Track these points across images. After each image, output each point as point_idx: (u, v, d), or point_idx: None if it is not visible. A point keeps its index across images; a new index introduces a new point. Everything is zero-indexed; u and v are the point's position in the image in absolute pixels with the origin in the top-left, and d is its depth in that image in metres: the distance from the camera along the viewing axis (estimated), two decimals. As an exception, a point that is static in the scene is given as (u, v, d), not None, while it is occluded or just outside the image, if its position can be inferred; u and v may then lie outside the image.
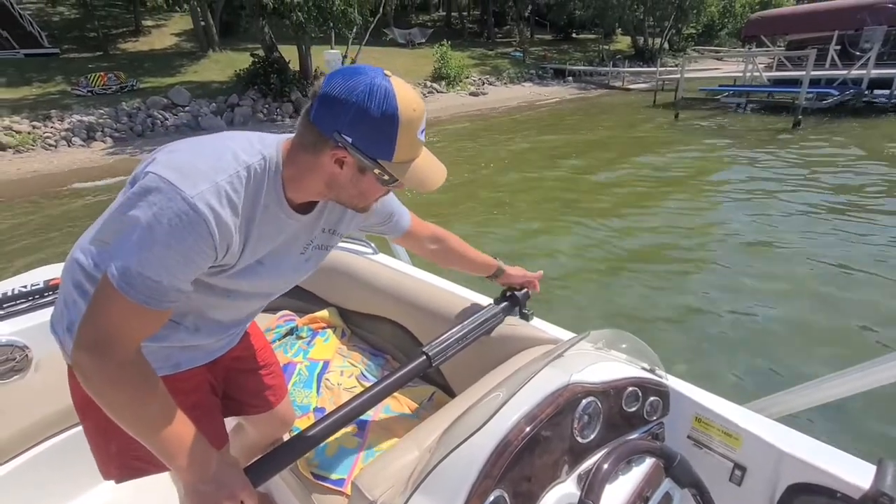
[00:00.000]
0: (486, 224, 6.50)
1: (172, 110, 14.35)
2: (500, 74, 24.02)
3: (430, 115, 17.11)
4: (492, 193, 8.04)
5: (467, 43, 29.34)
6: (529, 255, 5.35)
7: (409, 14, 33.14)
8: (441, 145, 12.70)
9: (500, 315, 1.36)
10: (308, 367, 1.63)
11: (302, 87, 16.61)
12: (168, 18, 25.21)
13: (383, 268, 1.81)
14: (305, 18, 13.29)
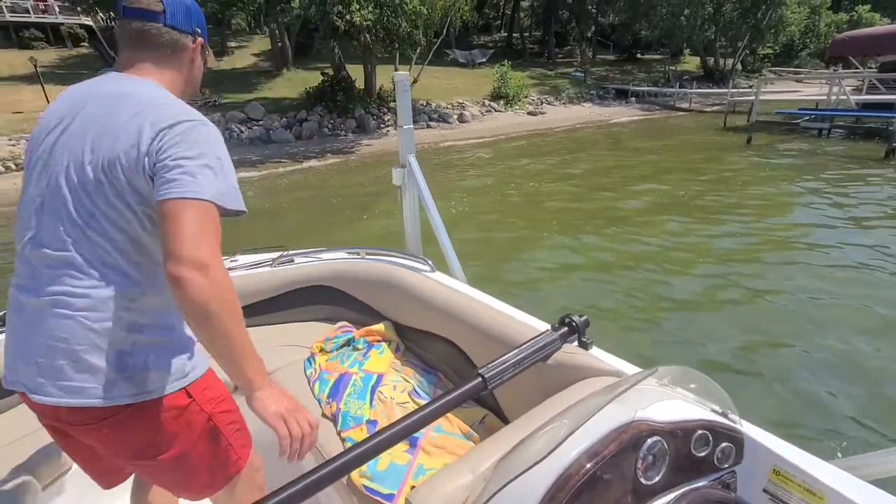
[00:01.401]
0: (533, 242, 6.43)
1: (248, 124, 15.47)
2: (559, 94, 23.88)
3: (487, 133, 17.31)
4: (540, 214, 7.93)
5: (527, 63, 29.49)
6: (578, 279, 5.20)
7: (471, 35, 33.88)
8: (495, 162, 12.76)
9: (558, 342, 1.34)
10: (363, 378, 1.67)
11: (365, 105, 17.35)
12: (250, 40, 27.41)
13: (440, 286, 1.84)
14: (373, 40, 13.96)
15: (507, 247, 6.44)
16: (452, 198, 8.81)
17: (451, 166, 12.20)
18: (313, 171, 12.88)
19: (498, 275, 5.32)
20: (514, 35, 35.74)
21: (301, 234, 7.61)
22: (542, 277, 5.28)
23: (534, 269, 5.49)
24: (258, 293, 2.12)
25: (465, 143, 16.09)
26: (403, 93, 2.14)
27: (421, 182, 2.12)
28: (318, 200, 9.93)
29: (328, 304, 2.14)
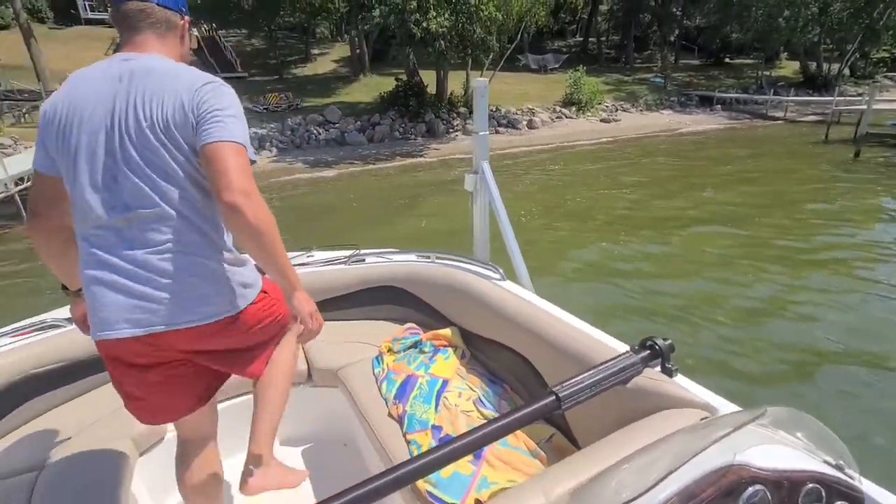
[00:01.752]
0: (599, 252, 6.16)
1: (325, 126, 16.33)
2: (636, 101, 22.84)
3: (556, 140, 16.93)
4: (608, 223, 7.60)
5: (603, 68, 28.51)
6: (654, 297, 4.91)
7: (545, 40, 33.37)
8: (563, 169, 12.43)
9: (640, 365, 1.25)
10: (429, 382, 1.68)
11: (436, 109, 17.65)
12: (331, 47, 28.94)
13: (510, 295, 1.80)
14: (447, 46, 14.19)
15: (571, 256, 6.24)
16: (514, 204, 8.70)
17: (517, 172, 12.07)
18: (382, 172, 13.31)
19: (560, 283, 5.16)
20: (591, 40, 34.70)
21: (365, 226, 7.91)
22: (613, 293, 5.05)
23: (601, 282, 5.27)
24: (332, 289, 2.20)
25: (532, 149, 15.86)
26: (481, 99, 2.13)
27: (493, 189, 2.10)
28: (383, 199, 10.25)
29: (397, 304, 2.18)
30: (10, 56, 19.88)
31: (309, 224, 8.38)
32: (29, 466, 1.39)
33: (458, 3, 13.49)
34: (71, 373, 1.69)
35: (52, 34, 24.68)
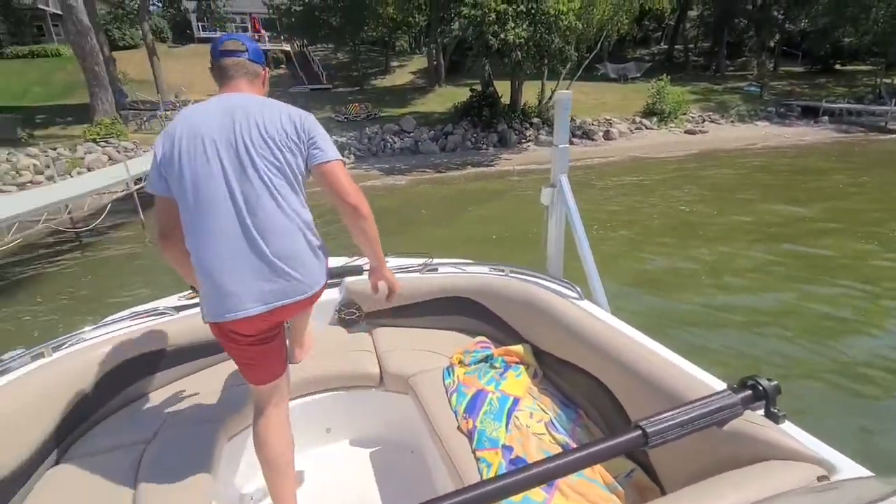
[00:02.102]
0: (678, 275, 5.73)
1: (400, 135, 16.90)
2: (726, 111, 21.20)
3: (634, 152, 16.16)
4: (692, 245, 7.05)
5: (690, 77, 26.86)
6: (742, 326, 4.48)
7: (626, 49, 32.11)
8: (639, 183, 11.80)
9: (739, 407, 1.13)
10: (499, 399, 1.65)
11: (509, 120, 17.60)
12: (409, 60, 30.00)
13: (588, 316, 1.72)
14: (524, 57, 14.11)
15: (646, 276, 5.88)
16: (585, 218, 8.40)
17: (589, 185, 11.66)
18: (453, 180, 13.48)
19: (636, 305, 4.88)
20: (677, 47, 32.85)
21: (431, 231, 8.06)
22: (694, 319, 4.68)
23: (680, 307, 4.91)
24: (405, 297, 2.24)
25: (607, 160, 15.27)
26: (563, 111, 2.08)
27: (571, 204, 2.04)
28: (451, 206, 10.37)
29: (469, 316, 2.18)
30: (136, 71, 22.81)
31: (380, 226, 8.68)
32: (138, 439, 1.55)
33: (538, 14, 13.38)
34: (177, 356, 1.87)
35: (171, 52, 27.94)
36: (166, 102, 18.66)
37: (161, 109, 17.73)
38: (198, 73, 25.32)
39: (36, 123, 17.24)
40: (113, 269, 7.46)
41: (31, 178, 12.71)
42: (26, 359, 1.58)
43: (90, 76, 15.78)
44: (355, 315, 2.25)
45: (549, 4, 13.14)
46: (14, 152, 13.66)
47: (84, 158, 13.70)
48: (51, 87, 23.00)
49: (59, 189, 8.41)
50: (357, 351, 2.05)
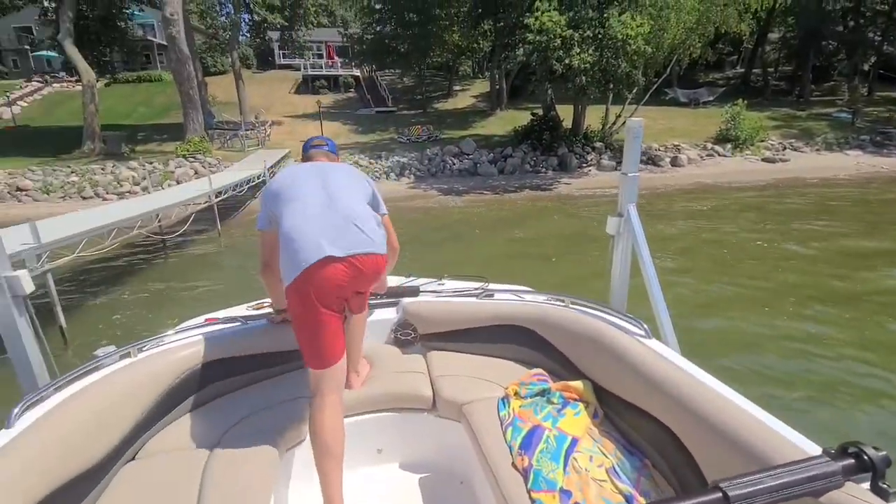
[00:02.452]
0: (756, 322, 5.26)
1: (459, 157, 17.18)
2: (810, 139, 19.61)
3: (705, 179, 15.31)
4: (771, 286, 6.48)
5: (769, 102, 25.25)
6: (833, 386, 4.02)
7: (697, 72, 30.83)
8: (709, 213, 11.11)
9: (839, 477, 1.00)
10: (557, 437, 1.57)
11: (570, 143, 17.36)
12: (472, 84, 30.64)
13: (657, 356, 1.61)
14: (588, 81, 13.94)
15: (715, 318, 5.46)
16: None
17: (652, 213, 11.15)
18: (509, 202, 13.43)
19: (706, 350, 4.53)
20: (755, 71, 31.06)
21: (484, 251, 8.04)
22: (773, 369, 4.27)
23: (758, 356, 4.50)
24: (460, 321, 2.23)
25: (674, 188, 14.58)
26: (634, 139, 2.02)
27: (640, 235, 1.94)
28: (506, 228, 10.30)
29: (526, 346, 2.12)
30: (224, 94, 25.05)
31: (435, 245, 8.80)
32: (204, 443, 1.63)
33: (604, 39, 13.22)
34: (242, 365, 1.97)
35: (254, 76, 30.48)
36: (247, 123, 20.27)
37: (242, 129, 19.28)
38: (276, 96, 27.40)
39: (137, 140, 19.35)
40: (192, 268, 8.23)
41: (130, 188, 14.22)
42: (115, 357, 1.73)
43: (185, 99, 17.53)
44: (411, 336, 2.26)
45: (616, 29, 12.95)
46: (118, 165, 15.37)
47: (174, 172, 15.14)
48: (152, 108, 25.80)
49: (152, 199, 9.32)
50: (411, 372, 2.05)
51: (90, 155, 17.18)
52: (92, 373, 1.63)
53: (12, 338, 1.63)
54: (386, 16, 23.18)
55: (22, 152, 17.03)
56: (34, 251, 4.78)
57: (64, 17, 17.52)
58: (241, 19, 21.99)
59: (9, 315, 1.59)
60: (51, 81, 30.34)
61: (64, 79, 29.99)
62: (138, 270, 8.12)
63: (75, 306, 6.32)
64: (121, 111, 24.98)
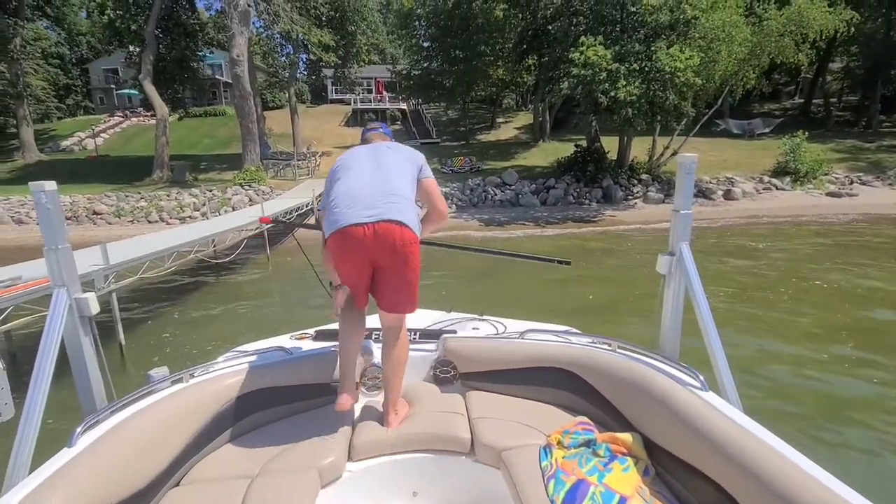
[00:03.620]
0: (833, 380, 4.80)
1: (501, 188, 17.25)
2: (881, 172, 18.30)
3: (762, 214, 14.53)
4: (848, 342, 5.92)
5: (832, 133, 23.92)
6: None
7: (751, 103, 29.79)
8: (769, 252, 10.44)
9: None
10: (603, 494, 1.46)
11: (615, 175, 17.06)
12: (514, 116, 31.05)
13: (715, 412, 1.49)
14: (634, 113, 13.75)
15: (773, 369, 5.04)
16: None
17: (703, 249, 10.62)
18: (551, 235, 13.24)
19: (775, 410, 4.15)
20: (815, 101, 29.63)
21: (522, 287, 7.85)
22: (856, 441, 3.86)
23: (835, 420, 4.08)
24: (501, 362, 2.16)
25: (726, 222, 13.90)
26: (687, 175, 1.92)
27: (694, 276, 1.83)
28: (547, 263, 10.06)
29: (570, 391, 2.02)
30: (279, 127, 26.69)
31: (474, 278, 8.74)
32: (244, 473, 1.64)
33: (651, 72, 13.09)
34: (285, 395, 1.99)
35: (308, 110, 32.35)
36: (299, 154, 21.40)
37: (294, 159, 20.35)
38: (327, 128, 28.87)
39: (200, 169, 20.85)
40: (240, 292, 8.59)
41: (190, 213, 15.23)
42: (167, 382, 1.79)
43: (245, 131, 18.82)
44: (450, 374, 2.22)
45: (664, 62, 12.81)
46: (182, 192, 16.56)
47: (231, 199, 16.11)
48: (216, 140, 27.85)
49: (209, 225, 9.93)
50: (449, 413, 2.00)
51: (158, 182, 18.64)
52: (146, 397, 1.70)
53: (77, 358, 1.72)
54: (433, 52, 24.16)
55: (101, 179, 18.75)
56: (103, 272, 5.16)
57: (146, 60, 19.47)
58: (300, 59, 23.55)
59: (75, 335, 1.69)
60: (130, 116, 33.58)
61: (141, 114, 33.10)
62: (191, 292, 8.58)
63: (133, 324, 6.72)
64: (188, 142, 27.12)
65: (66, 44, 39.35)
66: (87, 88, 39.47)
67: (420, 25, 25.28)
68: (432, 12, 23.34)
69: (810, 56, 18.03)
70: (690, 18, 13.32)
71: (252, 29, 19.85)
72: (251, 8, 17.25)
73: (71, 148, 28.32)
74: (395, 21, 26.31)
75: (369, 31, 22.93)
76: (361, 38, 22.46)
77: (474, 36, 22.83)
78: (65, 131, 31.21)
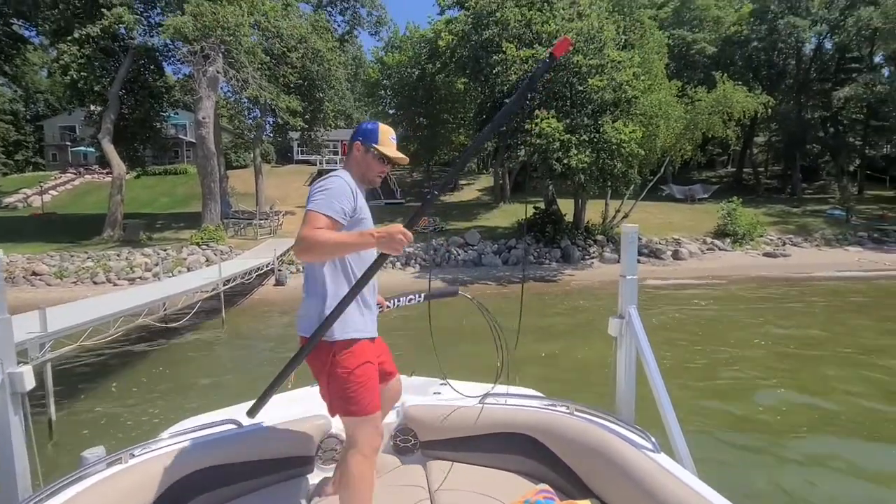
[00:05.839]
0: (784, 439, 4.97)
1: (464, 248, 17.61)
2: (809, 234, 20.10)
3: (708, 274, 15.42)
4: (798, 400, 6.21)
5: (763, 199, 26.31)
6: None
7: (691, 171, 32.62)
8: (720, 309, 11.03)
9: None
10: (564, 568, 1.44)
11: (572, 236, 17.87)
12: (476, 178, 32.46)
13: (666, 474, 1.53)
14: (587, 179, 14.74)
15: (737, 432, 5.18)
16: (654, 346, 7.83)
17: (658, 307, 11.09)
18: (514, 294, 13.46)
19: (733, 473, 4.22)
20: (746, 170, 32.84)
21: (482, 346, 7.78)
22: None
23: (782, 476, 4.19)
24: (464, 429, 2.14)
25: (678, 282, 14.65)
26: (629, 244, 2.08)
27: (642, 338, 1.93)
28: (511, 321, 10.14)
29: (531, 458, 2.02)
30: (243, 186, 26.60)
31: (437, 338, 8.64)
32: None
33: (600, 142, 14.25)
34: (238, 473, 1.87)
35: (273, 170, 32.59)
36: (262, 213, 21.24)
37: (257, 219, 20.15)
38: (292, 188, 29.02)
39: (156, 227, 20.19)
40: (191, 359, 8.03)
41: (141, 274, 14.53)
42: (103, 465, 1.65)
43: (206, 190, 18.62)
44: (410, 443, 2.17)
45: (610, 134, 14.01)
46: (133, 252, 15.88)
47: (186, 259, 15.57)
48: (174, 198, 27.31)
49: (161, 287, 9.48)
50: (409, 486, 1.93)
51: (109, 241, 17.84)
52: (78, 482, 1.56)
53: (3, 440, 1.58)
54: (399, 119, 25.37)
55: (45, 238, 17.75)
56: (39, 340, 4.78)
57: (107, 119, 19.32)
58: (266, 122, 24.07)
59: (4, 414, 1.56)
60: (84, 173, 32.60)
61: (96, 171, 32.23)
62: (138, 360, 7.99)
63: (67, 396, 6.14)
64: (144, 200, 26.43)
65: (21, 101, 38.62)
66: (39, 145, 38.38)
67: (386, 95, 26.72)
68: (398, 83, 24.82)
69: (737, 132, 20.26)
70: (631, 97, 14.79)
71: (220, 93, 20.30)
72: (220, 74, 17.74)
73: (14, 205, 26.97)
74: (363, 90, 27.70)
75: (336, 98, 23.87)
76: (329, 104, 23.34)
77: (437, 105, 24.31)
78: (10, 187, 29.82)
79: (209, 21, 16.35)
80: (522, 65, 14.88)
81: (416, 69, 23.89)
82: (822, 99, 28.93)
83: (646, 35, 17.76)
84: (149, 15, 20.20)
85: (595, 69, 14.59)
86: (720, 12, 30.01)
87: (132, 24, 18.45)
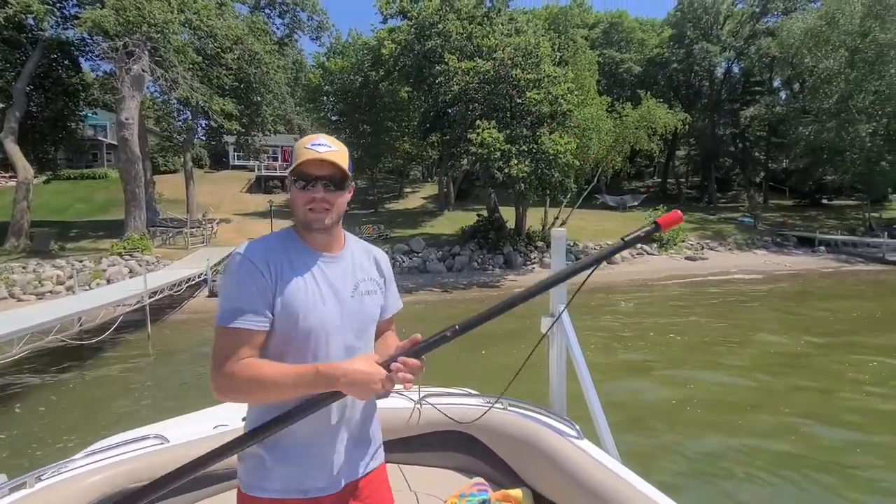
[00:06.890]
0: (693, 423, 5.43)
1: (409, 255, 17.61)
2: (723, 239, 22.11)
3: (637, 277, 16.49)
4: (711, 386, 6.81)
5: (684, 207, 28.57)
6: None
7: (622, 181, 34.86)
8: (645, 308, 11.85)
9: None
10: (496, 554, 1.51)
11: (514, 243, 18.44)
12: (421, 186, 32.63)
13: (590, 459, 1.64)
14: (527, 188, 15.33)
15: (652, 417, 5.59)
16: (589, 344, 8.29)
17: (592, 309, 11.72)
18: (459, 300, 13.65)
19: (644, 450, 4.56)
20: (669, 181, 35.59)
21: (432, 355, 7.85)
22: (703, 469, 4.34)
23: (686, 454, 4.58)
24: (399, 431, 2.16)
25: (609, 284, 15.55)
26: (559, 246, 2.21)
27: (571, 335, 2.07)
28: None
29: (464, 453, 2.08)
30: (172, 192, 24.91)
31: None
32: None
33: (538, 153, 14.89)
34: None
35: (206, 176, 30.81)
36: (193, 221, 20.01)
37: (188, 227, 18.95)
38: (227, 194, 27.60)
39: (70, 237, 18.38)
40: (111, 378, 7.38)
41: (52, 287, 13.15)
42: (6, 490, 1.51)
43: (129, 197, 17.25)
44: (348, 448, 2.16)
45: (548, 145, 14.69)
46: (42, 263, 14.35)
47: (106, 270, 14.29)
48: (91, 204, 25.01)
49: (76, 301, 8.66)
50: None
51: (13, 252, 16.00)
52: None
53: None
54: (342, 126, 24.97)
55: (-70, 249, 15.60)
56: (-79, 363, 4.21)
57: (10, 118, 17.40)
58: (198, 124, 22.78)
59: None
60: (-19, 177, 29.05)
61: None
62: (48, 382, 7.20)
63: (-41, 426, 5.43)
64: (56, 207, 24.00)
65: None
66: (-76, 144, 33.72)
67: (328, 101, 26.23)
68: (340, 90, 24.45)
69: (660, 145, 21.98)
70: (566, 111, 15.61)
71: (146, 93, 18.98)
72: (146, 73, 16.59)
73: None
74: (304, 95, 27.01)
75: (276, 103, 23.10)
76: (267, 108, 22.52)
77: (381, 113, 24.20)
78: None
79: (133, 16, 15.28)
80: (464, 76, 15.26)
81: (359, 76, 23.69)
82: (732, 117, 32.18)
83: (578, 53, 18.88)
84: (63, 6, 18.50)
85: (532, 83, 15.26)
86: (644, 35, 32.58)
87: (42, 15, 16.81)
